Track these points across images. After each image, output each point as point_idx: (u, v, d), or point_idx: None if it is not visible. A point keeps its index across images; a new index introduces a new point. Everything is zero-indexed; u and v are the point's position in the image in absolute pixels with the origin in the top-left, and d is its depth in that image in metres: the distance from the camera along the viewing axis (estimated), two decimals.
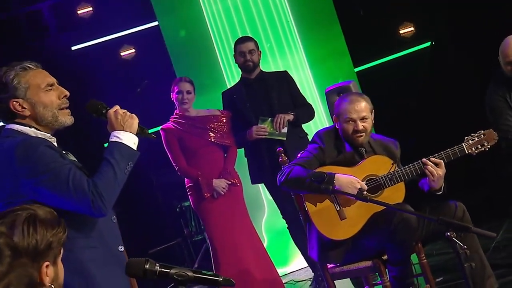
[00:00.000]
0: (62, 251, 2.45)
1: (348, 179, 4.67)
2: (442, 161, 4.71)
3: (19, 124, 3.20)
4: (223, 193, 6.39)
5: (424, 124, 8.32)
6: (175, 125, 6.55)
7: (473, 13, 8.36)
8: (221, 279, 2.51)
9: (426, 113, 8.24)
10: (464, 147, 4.76)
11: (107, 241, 3.26)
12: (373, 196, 4.75)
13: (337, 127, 4.90)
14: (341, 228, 4.71)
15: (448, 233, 3.57)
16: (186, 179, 6.56)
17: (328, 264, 4.88)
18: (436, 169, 4.69)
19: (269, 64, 7.85)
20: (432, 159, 4.72)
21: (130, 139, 3.26)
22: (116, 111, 3.30)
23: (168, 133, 6.53)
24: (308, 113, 6.69)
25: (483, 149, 4.79)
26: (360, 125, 4.83)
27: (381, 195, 4.77)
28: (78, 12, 8.87)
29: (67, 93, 3.33)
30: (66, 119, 3.30)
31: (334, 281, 4.92)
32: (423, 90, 8.63)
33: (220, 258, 6.45)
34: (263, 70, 6.79)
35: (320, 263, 4.92)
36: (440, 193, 4.81)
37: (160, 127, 6.63)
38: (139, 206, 8.48)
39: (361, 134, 4.85)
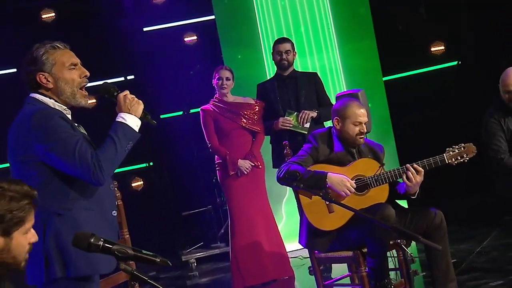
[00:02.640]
0: (23, 227, 2.41)
1: (339, 178, 4.64)
2: (423, 169, 4.64)
3: (42, 95, 3.23)
4: (246, 172, 6.40)
5: (442, 134, 8.18)
6: (213, 107, 6.58)
7: (497, 37, 8.19)
8: (159, 260, 2.45)
9: (446, 124, 8.07)
10: (445, 157, 4.68)
11: (103, 206, 3.26)
12: (360, 194, 4.72)
13: (337, 128, 4.85)
14: (328, 220, 4.69)
15: (399, 241, 3.52)
16: (216, 156, 6.61)
17: (315, 251, 4.87)
18: (415, 176, 4.62)
19: (306, 63, 7.82)
20: (415, 166, 4.64)
21: (133, 122, 3.26)
22: (126, 95, 3.30)
23: (206, 113, 6.56)
24: (330, 113, 6.63)
25: (462, 160, 4.70)
26: (364, 128, 4.81)
27: (367, 193, 4.73)
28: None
29: (88, 73, 3.32)
30: (82, 100, 3.30)
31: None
32: (445, 104, 8.45)
33: (236, 228, 6.50)
34: (296, 69, 6.77)
35: (307, 249, 4.91)
36: (414, 197, 4.74)
37: (200, 107, 6.69)
38: (181, 173, 8.56)
39: (363, 136, 4.83)
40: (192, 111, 8.11)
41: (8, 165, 3.27)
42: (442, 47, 8.83)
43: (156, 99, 8.75)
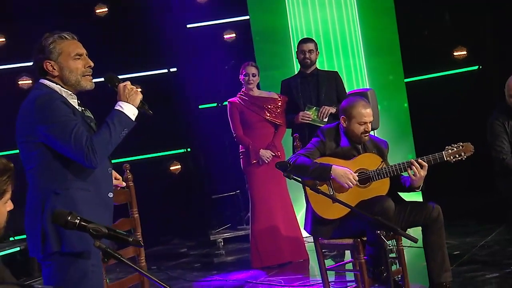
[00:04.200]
0: (3, 198, 2.40)
1: (342, 170, 4.60)
2: (427, 164, 4.58)
3: (49, 81, 3.24)
4: (267, 161, 6.40)
5: (459, 135, 8.00)
6: (239, 100, 6.59)
7: None
8: (131, 239, 2.40)
9: (463, 126, 7.87)
10: (444, 155, 4.62)
11: (100, 187, 3.24)
12: (362, 186, 4.67)
13: (343, 125, 4.79)
14: (332, 209, 4.63)
15: (379, 232, 3.46)
16: (240, 145, 6.61)
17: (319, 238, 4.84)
18: (419, 170, 4.57)
19: (332, 61, 7.75)
20: (420, 161, 4.59)
21: (130, 110, 3.23)
22: (125, 85, 3.28)
23: (233, 105, 6.58)
24: None
25: (460, 158, 4.64)
26: (369, 127, 4.75)
27: (369, 186, 4.68)
28: None
29: (92, 64, 3.30)
30: (87, 84, 3.29)
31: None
32: (464, 107, 8.26)
33: (256, 213, 6.52)
34: (321, 67, 6.72)
35: (312, 235, 4.87)
36: (418, 190, 4.71)
37: (228, 100, 6.70)
38: (214, 159, 8.56)
39: (368, 134, 4.77)
40: (225, 103, 8.10)
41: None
42: (465, 52, 8.63)
43: (195, 90, 8.78)
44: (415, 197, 7.41)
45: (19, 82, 8.51)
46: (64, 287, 3.13)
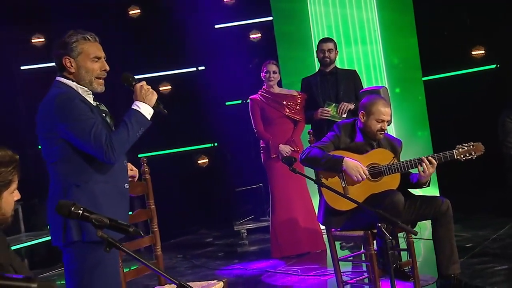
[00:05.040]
0: (10, 187, 2.43)
1: (354, 163, 4.56)
2: (437, 162, 4.52)
3: (66, 78, 3.25)
4: (286, 156, 6.37)
5: (475, 132, 7.87)
6: (260, 97, 6.58)
7: None
8: (132, 229, 2.40)
9: (480, 124, 7.74)
10: (454, 153, 4.56)
11: (117, 179, 3.27)
12: (374, 180, 4.62)
13: (361, 120, 4.73)
14: (343, 201, 4.54)
15: (379, 224, 3.41)
16: (261, 141, 6.60)
17: (331, 228, 4.80)
18: (429, 167, 4.52)
19: (352, 60, 7.69)
20: (429, 158, 4.54)
21: (146, 110, 3.24)
22: (142, 86, 3.29)
23: (254, 102, 6.58)
24: None
25: (470, 157, 4.55)
26: (385, 126, 4.70)
27: (380, 180, 4.62)
28: (225, 0, 8.95)
29: (107, 68, 3.30)
30: (98, 87, 3.29)
31: None
32: (481, 105, 8.13)
33: (276, 205, 6.52)
34: (341, 65, 6.68)
35: (324, 226, 4.84)
36: (425, 186, 4.65)
37: (249, 97, 6.69)
38: (239, 153, 8.57)
39: (383, 132, 4.71)
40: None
41: None
42: (483, 51, 8.48)
43: (222, 88, 8.78)
44: (431, 191, 7.35)
45: None
46: (82, 272, 3.17)
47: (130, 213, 3.73)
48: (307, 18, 7.81)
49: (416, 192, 4.92)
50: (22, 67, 8.57)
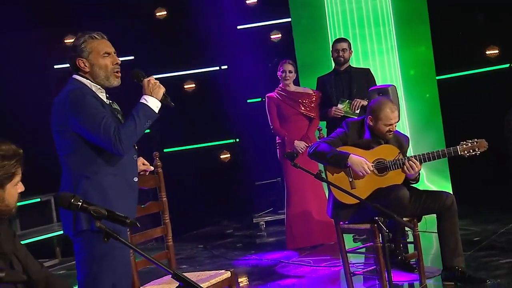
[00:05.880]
0: (13, 180, 2.45)
1: (358, 159, 4.54)
2: (419, 164, 4.51)
3: (81, 76, 3.29)
4: (301, 151, 6.34)
5: (487, 130, 7.74)
6: (276, 95, 6.58)
7: None
8: (128, 221, 2.40)
9: (492, 122, 7.61)
10: (458, 149, 4.52)
11: (126, 172, 3.29)
12: (380, 175, 4.60)
13: (370, 124, 4.67)
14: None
15: (376, 218, 3.39)
16: (277, 137, 6.59)
17: (339, 221, 4.78)
18: (413, 167, 4.50)
19: (368, 60, 7.63)
20: (412, 159, 4.52)
21: (154, 103, 3.26)
22: (149, 80, 3.31)
23: (270, 100, 6.58)
24: None
25: (474, 153, 4.52)
26: (394, 128, 4.67)
27: (386, 175, 4.60)
28: (247, 1, 8.95)
29: (119, 61, 3.33)
30: (114, 80, 3.32)
31: None
32: (493, 104, 7.99)
33: (291, 199, 6.53)
34: (355, 64, 6.64)
35: (333, 219, 4.82)
36: (414, 182, 4.66)
37: (266, 95, 6.68)
38: (259, 148, 8.56)
39: (392, 132, 4.68)
40: None
41: None
42: (497, 51, 8.34)
43: (243, 86, 8.78)
44: (444, 187, 7.28)
45: None
46: (91, 261, 3.19)
47: (142, 206, 3.78)
48: (324, 19, 7.76)
49: (421, 186, 4.89)
50: (55, 66, 8.67)
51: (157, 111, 3.29)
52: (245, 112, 8.81)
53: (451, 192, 4.76)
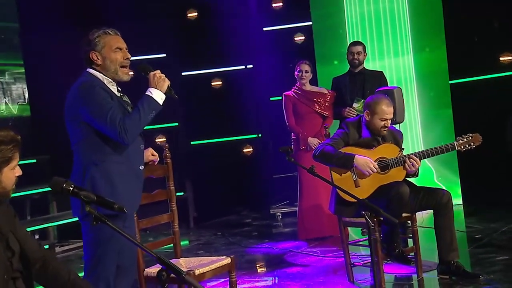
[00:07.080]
0: (10, 164, 2.48)
1: (364, 160, 4.53)
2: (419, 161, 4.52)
3: (93, 69, 3.34)
4: (313, 148, 6.32)
5: (497, 133, 7.61)
6: (293, 93, 6.58)
7: None
8: (116, 206, 2.44)
9: (503, 126, 7.47)
10: (455, 144, 4.53)
11: (132, 161, 3.33)
12: (382, 173, 4.58)
13: (366, 118, 4.67)
14: (354, 193, 4.53)
15: (363, 212, 3.38)
16: (292, 133, 6.59)
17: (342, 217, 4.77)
18: (414, 164, 4.50)
19: (384, 61, 7.57)
20: (412, 157, 4.52)
21: (158, 95, 3.29)
22: (155, 74, 3.33)
23: (287, 98, 6.58)
24: None
25: (469, 147, 4.53)
26: (388, 123, 4.66)
27: (388, 173, 4.59)
28: (273, 5, 8.94)
29: (129, 56, 3.38)
30: (124, 75, 3.37)
31: None
32: (506, 110, 7.84)
33: (303, 192, 6.55)
34: (366, 67, 6.57)
35: (336, 215, 4.81)
36: (415, 176, 4.64)
37: (283, 93, 6.68)
38: (280, 144, 8.49)
39: (386, 128, 4.68)
40: None
41: None
42: (511, 57, 8.17)
43: (267, 85, 8.78)
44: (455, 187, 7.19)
45: None
46: (97, 243, 3.24)
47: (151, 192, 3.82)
48: (343, 22, 7.74)
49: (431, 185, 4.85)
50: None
51: (161, 103, 3.32)
52: (268, 109, 8.81)
53: (462, 192, 4.70)
